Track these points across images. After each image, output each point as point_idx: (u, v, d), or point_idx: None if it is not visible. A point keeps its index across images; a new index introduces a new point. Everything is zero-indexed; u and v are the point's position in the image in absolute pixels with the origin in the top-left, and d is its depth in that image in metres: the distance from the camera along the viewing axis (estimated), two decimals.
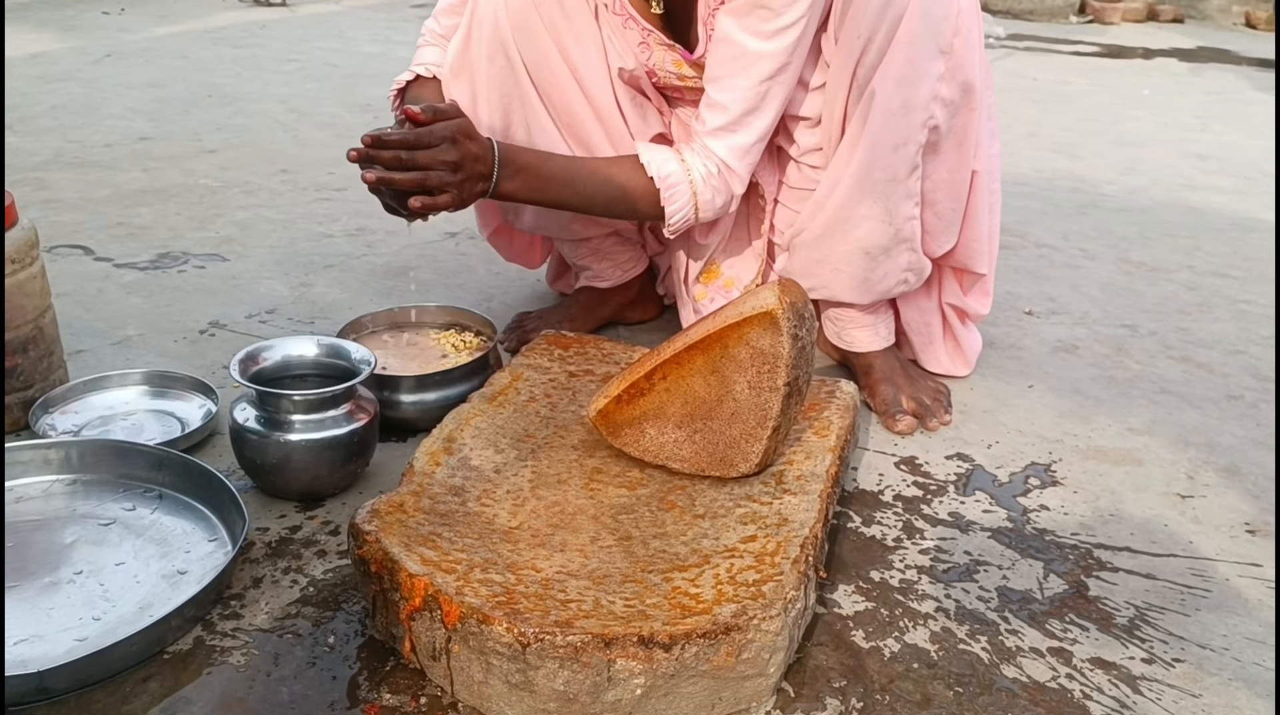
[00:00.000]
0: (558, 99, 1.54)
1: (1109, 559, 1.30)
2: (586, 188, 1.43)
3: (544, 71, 1.52)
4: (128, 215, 2.20)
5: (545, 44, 1.50)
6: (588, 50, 1.53)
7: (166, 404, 1.48)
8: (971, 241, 1.54)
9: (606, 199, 1.45)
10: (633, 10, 1.51)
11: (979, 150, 1.46)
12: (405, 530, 1.06)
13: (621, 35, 1.54)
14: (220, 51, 3.92)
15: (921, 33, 1.33)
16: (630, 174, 1.45)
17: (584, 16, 1.52)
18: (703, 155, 1.45)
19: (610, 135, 1.58)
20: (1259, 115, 3.99)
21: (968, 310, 1.64)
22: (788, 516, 1.13)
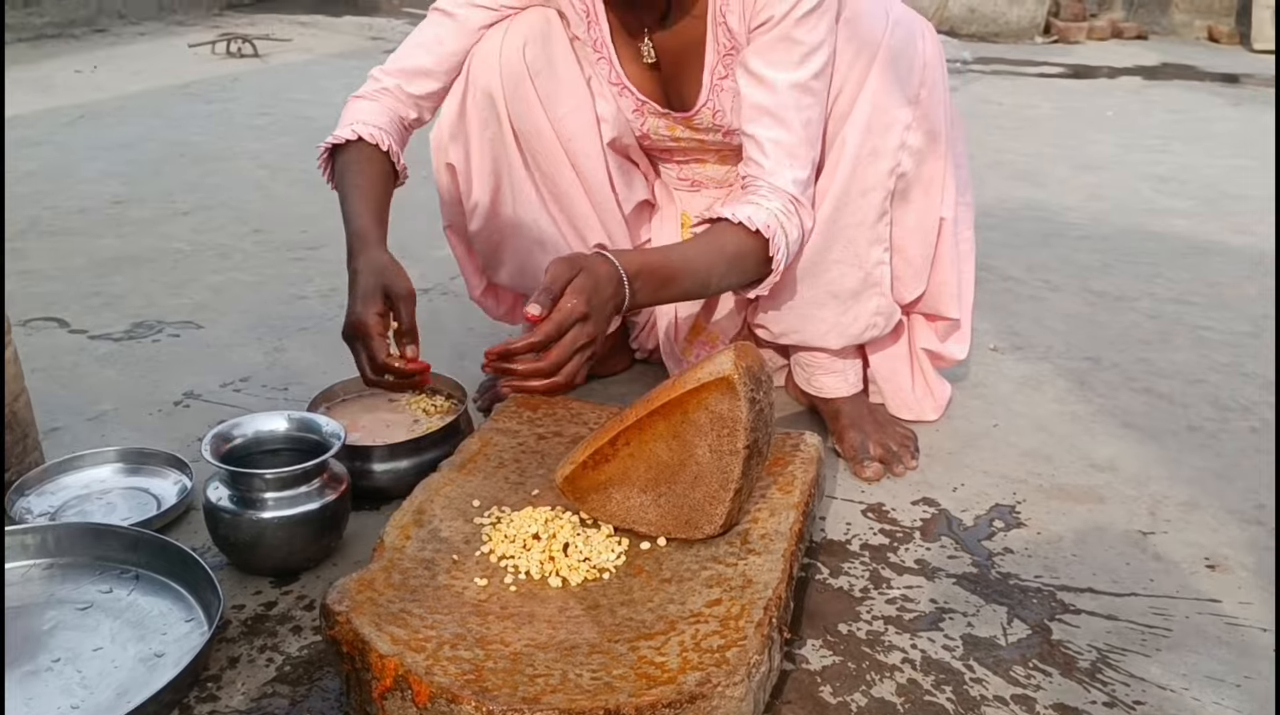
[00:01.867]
0: (547, 169, 1.58)
1: (1072, 601, 1.32)
2: (703, 269, 1.36)
3: (534, 141, 1.55)
4: (102, 284, 2.23)
5: (538, 116, 1.54)
6: (581, 122, 1.56)
7: (142, 481, 1.50)
8: (941, 286, 1.58)
9: (721, 271, 1.38)
10: (628, 81, 1.55)
11: (946, 197, 1.50)
12: (376, 609, 1.08)
13: (615, 104, 1.58)
14: (193, 107, 3.95)
15: (890, 83, 1.39)
16: (732, 237, 1.38)
17: (578, 87, 1.56)
18: (772, 194, 1.40)
19: (596, 206, 1.62)
20: (1219, 133, 4.06)
21: (944, 354, 1.67)
22: (752, 577, 1.15)
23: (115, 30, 5.63)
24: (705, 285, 1.39)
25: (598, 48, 1.54)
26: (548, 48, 1.53)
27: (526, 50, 1.50)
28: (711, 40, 1.47)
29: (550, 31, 1.53)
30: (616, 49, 1.54)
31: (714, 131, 1.56)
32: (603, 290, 1.23)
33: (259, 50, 5.06)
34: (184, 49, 5.11)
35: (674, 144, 1.61)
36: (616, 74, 1.55)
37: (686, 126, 1.57)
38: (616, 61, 1.54)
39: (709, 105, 1.52)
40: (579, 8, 1.52)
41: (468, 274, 1.78)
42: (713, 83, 1.50)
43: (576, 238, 1.63)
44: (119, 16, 5.82)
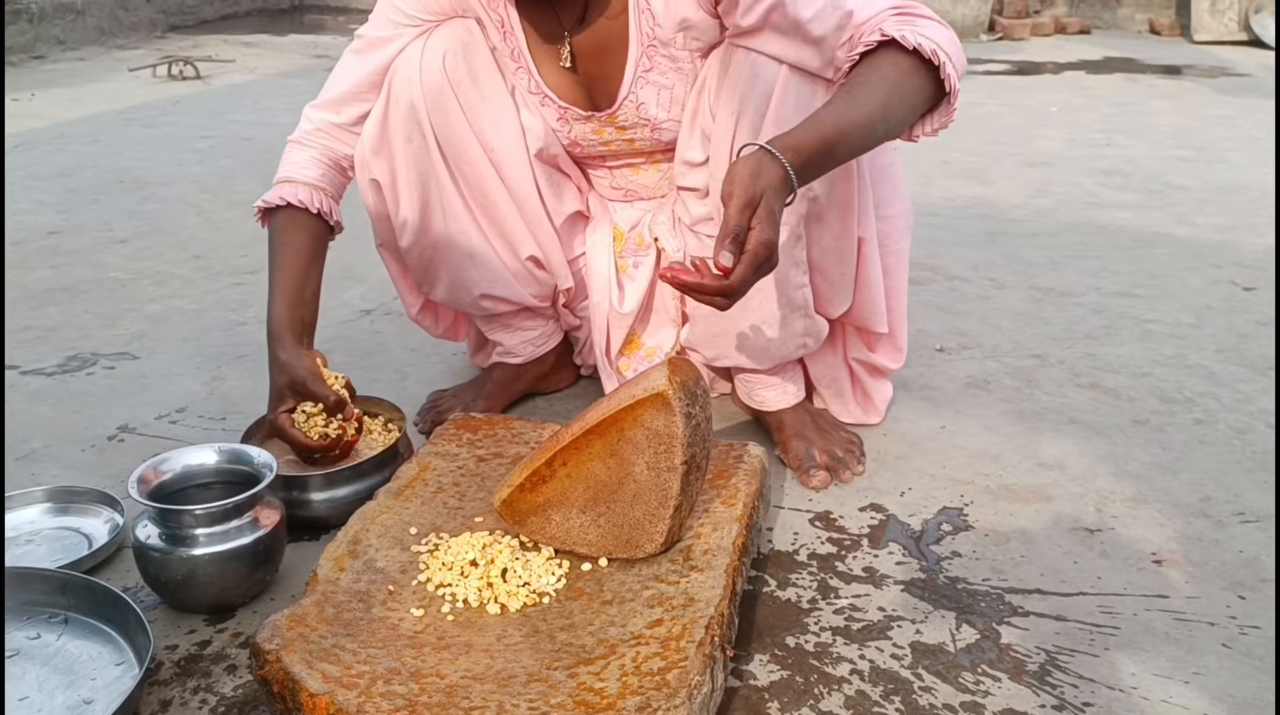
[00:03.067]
0: (473, 180, 1.56)
1: (1020, 603, 1.31)
2: (863, 118, 1.22)
3: (459, 153, 1.54)
4: (35, 317, 2.18)
5: (461, 127, 1.52)
6: (504, 133, 1.55)
7: (71, 521, 1.46)
8: (866, 303, 1.56)
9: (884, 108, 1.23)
10: (548, 90, 1.53)
11: (863, 218, 1.48)
12: (307, 645, 1.05)
13: (539, 113, 1.56)
14: (132, 132, 3.89)
15: (791, 109, 1.36)
16: (872, 67, 1.25)
17: (501, 98, 1.54)
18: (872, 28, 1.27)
19: (525, 217, 1.60)
20: (1160, 125, 4.09)
21: (876, 365, 1.66)
22: (694, 595, 1.13)
23: (54, 57, 5.54)
24: (872, 131, 1.23)
25: (515, 57, 1.53)
26: (468, 58, 1.51)
27: (447, 61, 1.48)
28: (635, 33, 1.45)
29: (471, 42, 1.51)
30: (534, 57, 1.52)
31: (641, 126, 1.54)
32: (779, 206, 1.15)
33: (201, 72, 5.00)
34: (124, 74, 5.03)
35: (604, 148, 1.60)
36: (536, 83, 1.53)
37: (612, 125, 1.55)
38: (535, 70, 1.53)
39: (631, 98, 1.50)
40: (494, 18, 1.50)
41: (404, 292, 1.75)
42: (636, 75, 1.48)
43: (507, 250, 1.61)
44: (58, 43, 5.73)
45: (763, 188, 1.13)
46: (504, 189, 1.57)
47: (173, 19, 6.66)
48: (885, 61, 1.25)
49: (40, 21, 5.66)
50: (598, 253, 1.67)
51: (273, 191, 1.53)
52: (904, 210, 1.58)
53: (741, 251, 1.12)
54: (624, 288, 1.65)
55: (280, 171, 1.56)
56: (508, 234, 1.59)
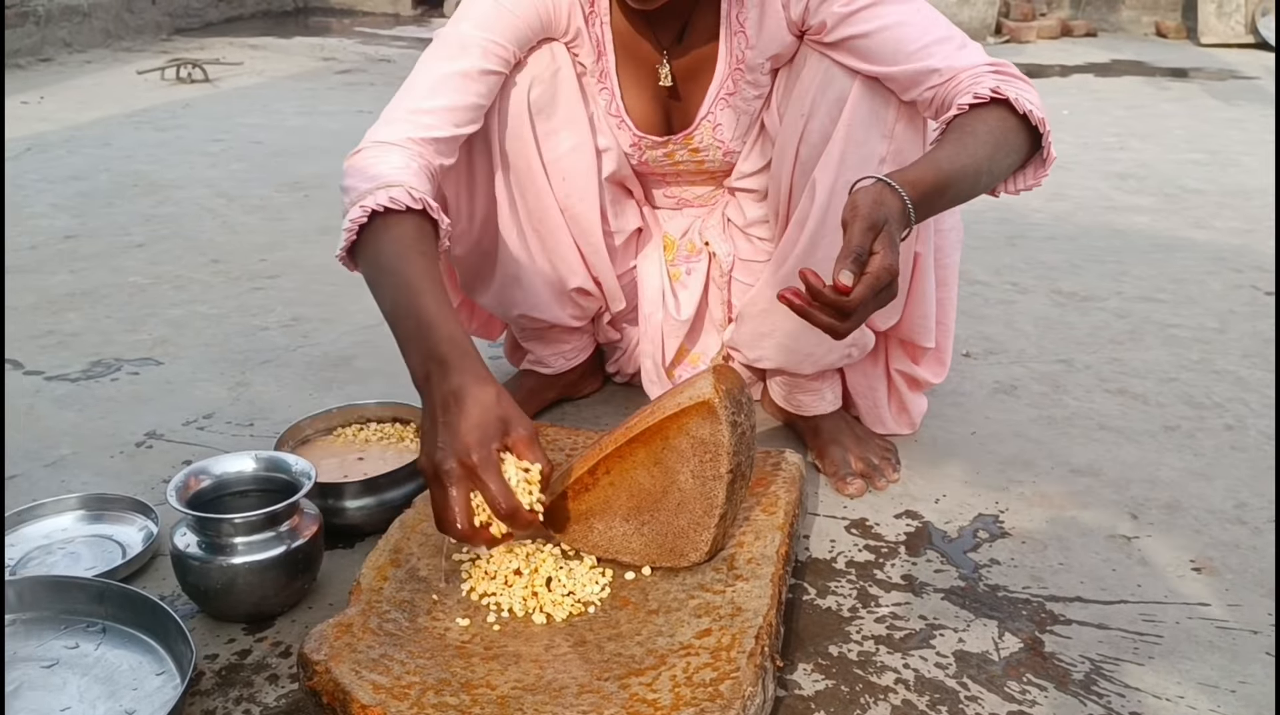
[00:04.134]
0: (534, 208, 1.55)
1: (1061, 611, 1.31)
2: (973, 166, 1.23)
3: (524, 180, 1.53)
4: (57, 322, 2.17)
5: (531, 155, 1.50)
6: (580, 161, 1.54)
7: (105, 528, 1.45)
8: (916, 318, 1.55)
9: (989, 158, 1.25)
10: (626, 115, 1.54)
11: (922, 233, 1.48)
12: (355, 655, 1.04)
13: (614, 135, 1.57)
14: (144, 136, 3.88)
15: (866, 116, 1.37)
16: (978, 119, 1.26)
17: (580, 125, 1.53)
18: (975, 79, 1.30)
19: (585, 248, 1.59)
20: (1173, 128, 4.09)
21: (919, 378, 1.65)
22: (741, 605, 1.13)
23: (61, 59, 5.53)
24: (977, 181, 1.25)
25: (601, 78, 1.53)
26: (554, 86, 1.50)
27: (533, 89, 1.47)
28: (724, 53, 1.46)
29: (558, 69, 1.50)
30: (620, 79, 1.52)
31: (714, 148, 1.55)
32: (897, 234, 1.14)
33: (209, 75, 4.99)
34: (133, 76, 5.02)
35: (671, 168, 1.61)
36: (617, 105, 1.54)
37: (685, 147, 1.56)
38: (618, 93, 1.53)
39: (709, 119, 1.51)
40: (591, 35, 1.50)
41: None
42: (718, 97, 1.49)
43: (556, 278, 1.61)
44: (65, 45, 5.71)
45: (886, 215, 1.12)
46: (563, 220, 1.56)
47: (178, 21, 6.65)
48: (993, 117, 1.26)
49: (47, 24, 5.64)
50: (649, 263, 1.67)
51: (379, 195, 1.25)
52: (957, 224, 1.57)
53: (862, 272, 1.09)
54: (678, 295, 1.65)
55: (375, 173, 1.30)
56: (559, 264, 1.59)
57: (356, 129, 1.46)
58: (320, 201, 3.06)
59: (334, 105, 4.44)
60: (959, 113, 1.28)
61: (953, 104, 1.30)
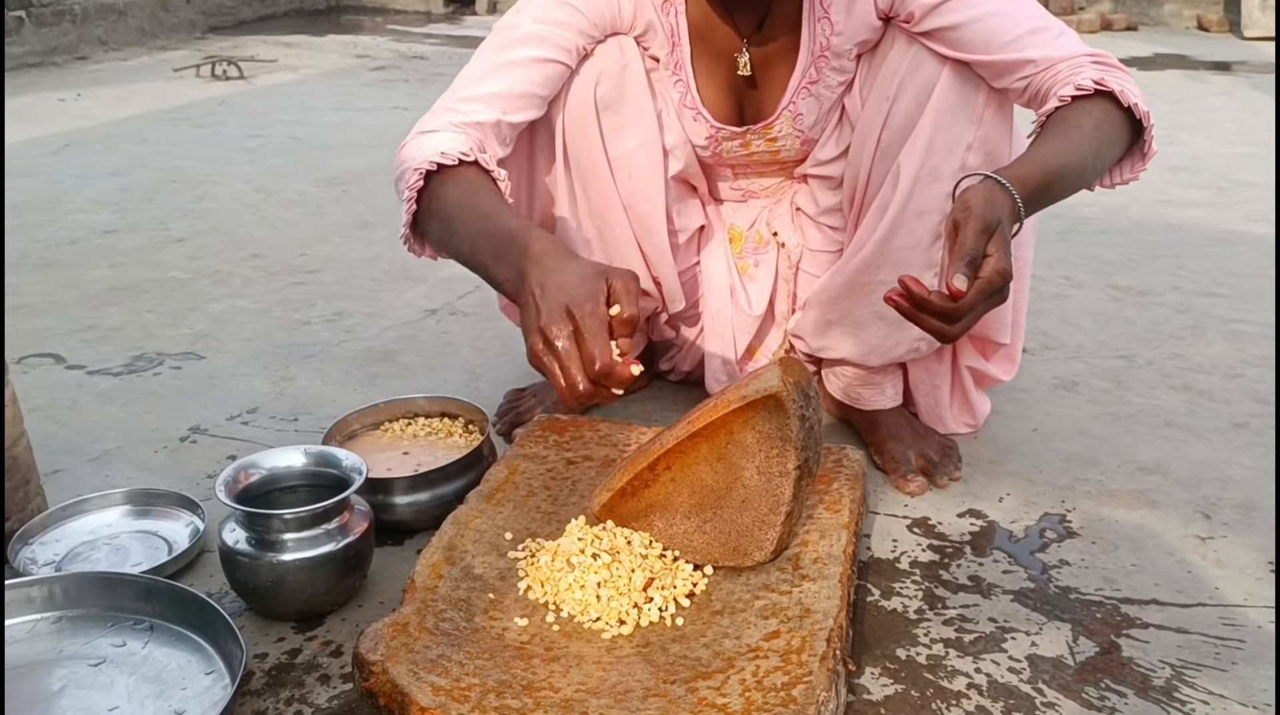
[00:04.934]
0: (597, 205, 1.51)
1: (1137, 614, 1.26)
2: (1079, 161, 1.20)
3: (588, 177, 1.49)
4: (98, 317, 2.15)
5: (597, 152, 1.46)
6: (646, 159, 1.49)
7: (151, 524, 1.42)
8: (992, 314, 1.50)
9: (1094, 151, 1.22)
10: (702, 106, 1.49)
11: None
12: (412, 656, 1.01)
13: (686, 129, 1.52)
14: (181, 132, 3.88)
15: (955, 101, 1.33)
16: (1081, 112, 1.23)
17: (648, 122, 1.48)
18: (1074, 70, 1.26)
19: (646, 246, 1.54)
20: (1222, 122, 4.01)
21: (989, 374, 1.60)
22: (809, 606, 1.09)
23: (97, 57, 5.55)
24: (1083, 175, 1.22)
25: (676, 70, 1.48)
26: (621, 81, 1.45)
27: (600, 85, 1.43)
28: (807, 39, 1.42)
29: (627, 64, 1.45)
30: (695, 70, 1.48)
31: (792, 137, 1.51)
32: (1009, 235, 1.10)
33: (244, 72, 4.99)
34: (168, 73, 5.03)
35: (744, 158, 1.56)
36: (692, 98, 1.49)
37: (763, 138, 1.51)
38: (694, 85, 1.48)
39: (789, 109, 1.47)
40: (666, 25, 1.45)
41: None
42: (800, 85, 1.45)
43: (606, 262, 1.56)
44: (101, 43, 5.74)
45: (998, 216, 1.08)
46: (626, 219, 1.51)
47: (212, 20, 6.67)
48: (1098, 109, 1.23)
49: (83, 22, 5.67)
50: (714, 259, 1.63)
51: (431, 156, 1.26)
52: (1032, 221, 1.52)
53: (976, 275, 1.06)
54: (748, 289, 1.61)
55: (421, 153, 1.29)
56: (618, 264, 1.54)
57: (393, 125, 1.44)
58: (359, 196, 3.04)
59: (369, 102, 4.42)
60: (1060, 104, 1.23)
61: (1051, 95, 1.26)
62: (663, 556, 1.17)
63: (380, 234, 2.65)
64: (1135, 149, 1.30)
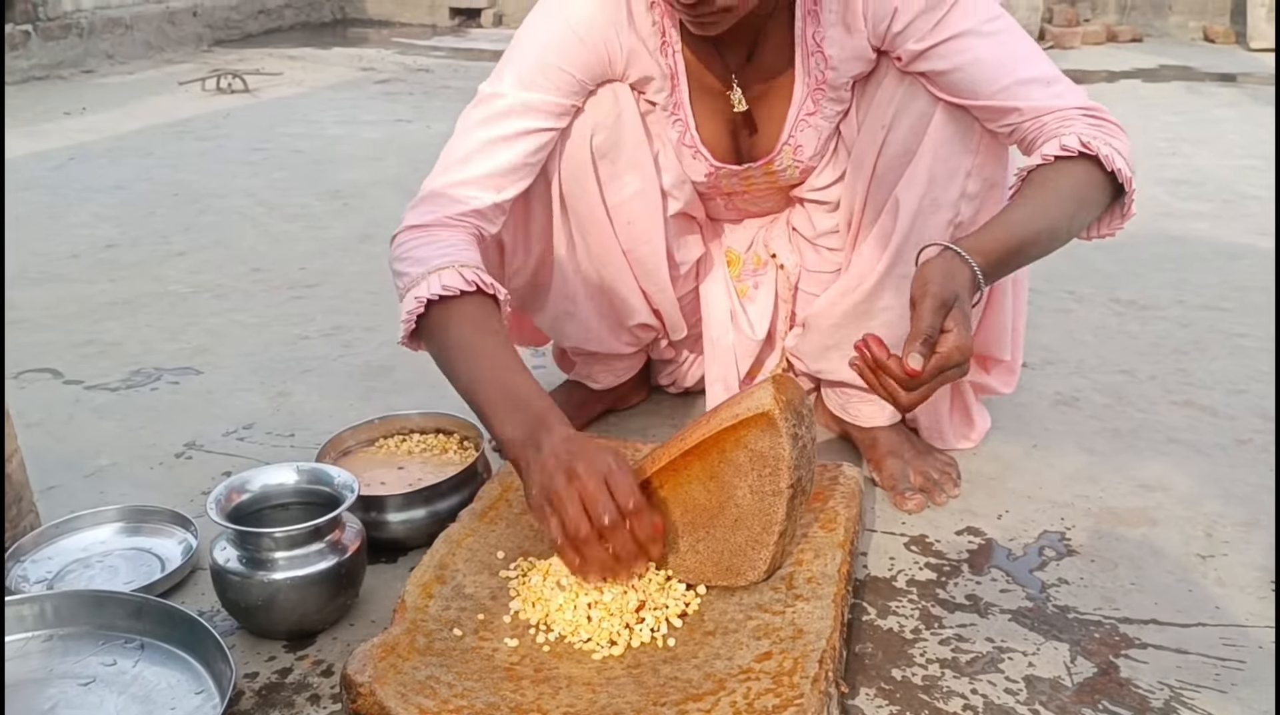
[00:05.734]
0: (596, 252, 1.50)
1: (1136, 634, 1.24)
2: (1050, 224, 1.21)
3: (587, 226, 1.48)
4: (97, 331, 2.15)
5: (594, 202, 1.45)
6: (645, 205, 1.47)
7: (144, 541, 1.42)
8: (993, 331, 1.50)
9: (1069, 214, 1.22)
10: (701, 145, 1.47)
11: None
12: (400, 677, 1.00)
13: (681, 169, 1.50)
14: (185, 145, 3.88)
15: (952, 132, 1.33)
16: (1061, 173, 1.22)
17: (645, 168, 1.46)
18: (1066, 123, 1.25)
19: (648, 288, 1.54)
20: (1227, 133, 3.99)
21: (988, 386, 1.59)
22: (802, 627, 1.08)
23: (104, 71, 5.56)
24: (1054, 236, 1.22)
25: (674, 110, 1.46)
26: (617, 130, 1.42)
27: (595, 136, 1.41)
28: (801, 73, 1.40)
29: (621, 112, 1.42)
30: (694, 110, 1.46)
31: (793, 168, 1.49)
32: (968, 308, 1.12)
33: (249, 85, 5.00)
34: (174, 87, 5.04)
35: (742, 187, 1.55)
36: (691, 137, 1.47)
37: (764, 173, 1.50)
38: (692, 124, 1.46)
39: (790, 142, 1.45)
40: (663, 67, 1.42)
41: None
42: (798, 118, 1.43)
43: (613, 317, 1.57)
44: (107, 57, 5.75)
45: (956, 290, 1.09)
46: (626, 263, 1.50)
47: (218, 33, 6.68)
48: (1079, 172, 1.23)
49: (90, 36, 5.69)
50: (714, 285, 1.63)
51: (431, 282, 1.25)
52: None
53: (932, 353, 1.07)
54: (748, 312, 1.60)
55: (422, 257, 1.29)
56: (619, 305, 1.55)
57: (397, 137, 1.44)
58: (361, 209, 3.04)
59: (374, 114, 4.42)
60: (1043, 163, 1.23)
61: (1037, 147, 1.26)
62: (655, 576, 1.16)
63: (380, 248, 2.64)
64: (1115, 207, 1.30)
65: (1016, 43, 1.31)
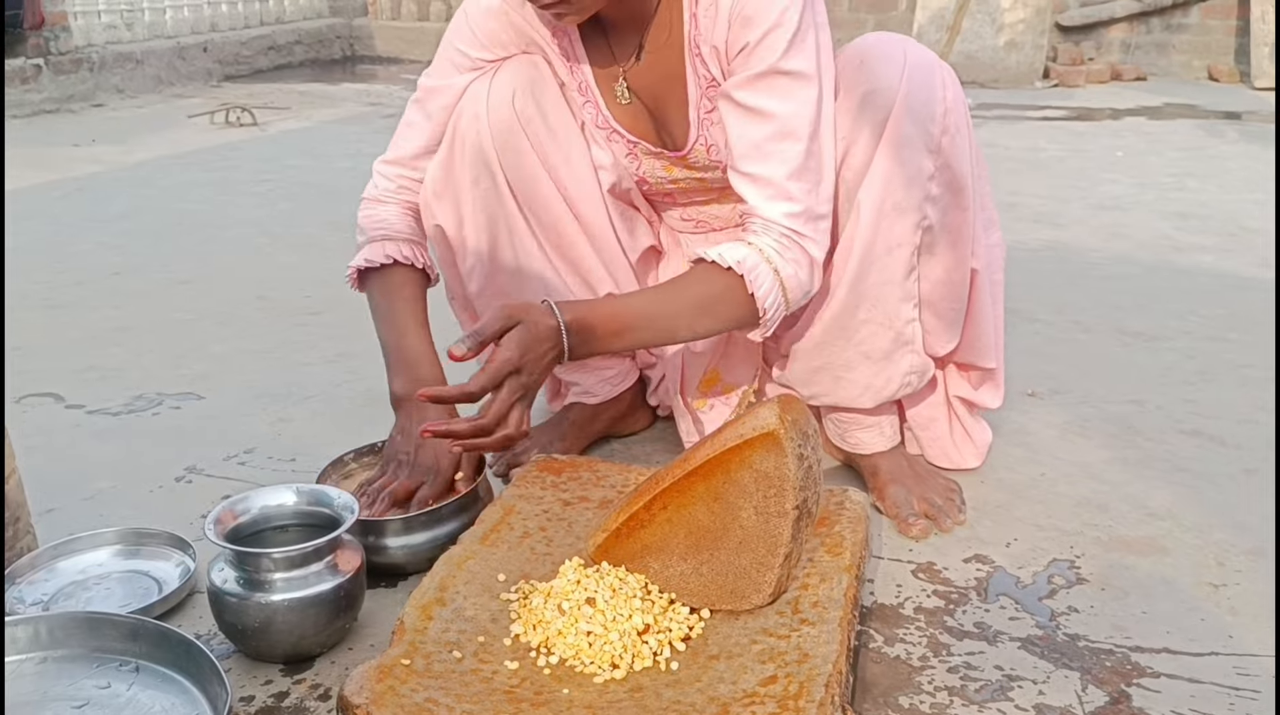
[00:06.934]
0: (545, 219, 1.50)
1: (1148, 663, 1.22)
2: (664, 316, 1.30)
3: (531, 193, 1.48)
4: (99, 357, 2.14)
5: (533, 165, 1.46)
6: (577, 170, 1.49)
7: (141, 564, 1.40)
8: (976, 339, 1.49)
9: (690, 317, 1.30)
10: (616, 124, 1.48)
11: (976, 248, 1.42)
12: (398, 699, 0.98)
13: (607, 149, 1.51)
14: (192, 176, 3.90)
15: (909, 133, 1.31)
16: (702, 278, 1.30)
17: (572, 134, 1.49)
18: (764, 230, 1.30)
19: (601, 254, 1.55)
20: (1233, 169, 4.00)
21: (978, 402, 1.58)
22: (808, 651, 1.06)
23: (114, 105, 5.61)
24: (673, 332, 1.33)
25: (582, 91, 1.48)
26: (537, 95, 1.45)
27: (516, 99, 1.43)
28: (691, 74, 1.40)
29: (538, 79, 1.46)
30: (600, 91, 1.47)
31: (712, 169, 1.48)
32: (539, 344, 1.21)
33: (258, 119, 5.03)
34: (183, 120, 5.08)
35: (673, 187, 1.54)
36: (604, 117, 1.48)
37: (683, 166, 1.49)
38: (602, 104, 1.47)
39: (700, 141, 1.44)
40: (559, 50, 1.45)
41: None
42: (700, 117, 1.42)
43: (585, 289, 1.55)
44: (118, 91, 5.80)
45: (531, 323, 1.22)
46: (579, 228, 1.51)
47: (228, 69, 6.74)
48: (721, 284, 1.30)
49: (101, 70, 5.74)
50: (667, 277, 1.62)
51: (370, 250, 1.50)
52: (1000, 240, 1.51)
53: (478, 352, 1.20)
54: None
55: (367, 231, 1.52)
56: (585, 274, 1.54)
57: None
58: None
59: (380, 148, 4.39)
60: (701, 258, 1.31)
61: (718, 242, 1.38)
62: (658, 600, 1.14)
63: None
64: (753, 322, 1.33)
65: (778, 130, 1.29)
